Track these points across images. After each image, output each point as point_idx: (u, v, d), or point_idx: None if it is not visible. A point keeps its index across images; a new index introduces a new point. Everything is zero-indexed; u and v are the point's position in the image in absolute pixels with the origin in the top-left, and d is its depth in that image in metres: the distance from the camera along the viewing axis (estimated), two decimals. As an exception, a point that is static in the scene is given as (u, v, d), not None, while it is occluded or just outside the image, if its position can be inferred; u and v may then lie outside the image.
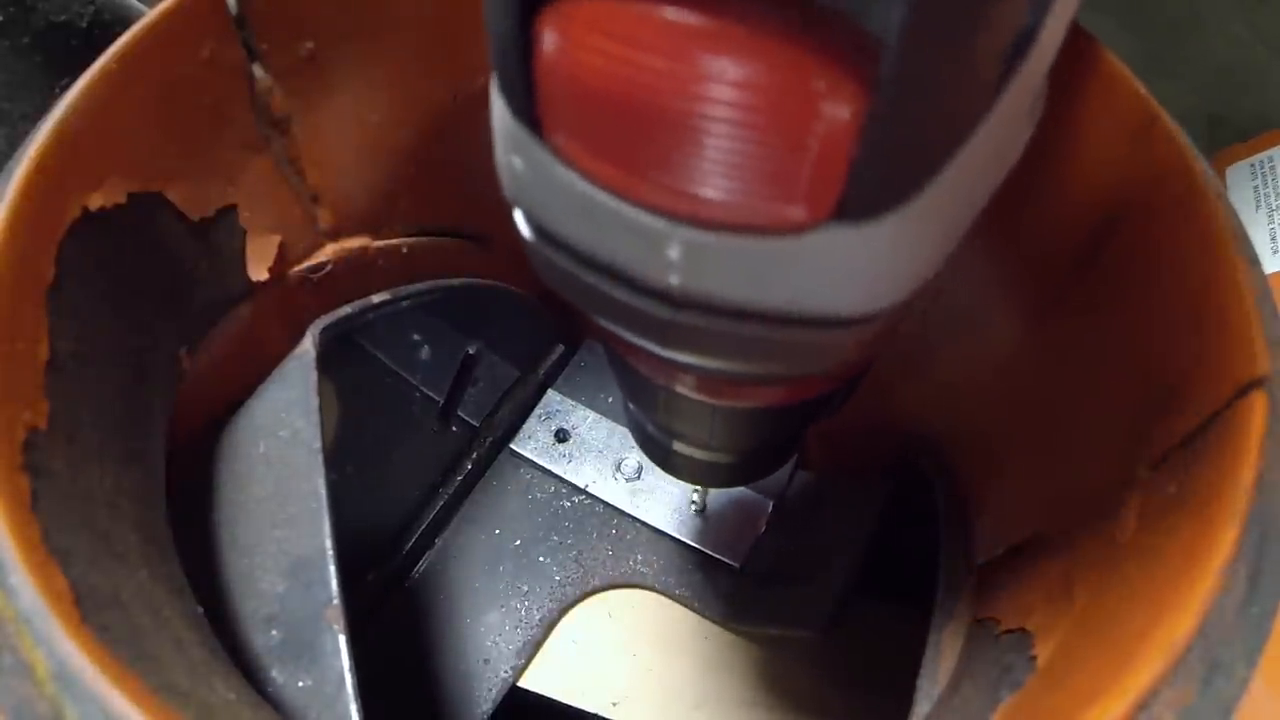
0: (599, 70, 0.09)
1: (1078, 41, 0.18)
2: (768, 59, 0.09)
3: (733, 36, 0.09)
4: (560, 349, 0.36)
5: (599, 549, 0.33)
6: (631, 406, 0.22)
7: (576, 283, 0.12)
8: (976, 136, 0.10)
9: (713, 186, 0.09)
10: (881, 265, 0.10)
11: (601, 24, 0.09)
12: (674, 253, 0.10)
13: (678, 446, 0.22)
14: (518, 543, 0.33)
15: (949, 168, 0.10)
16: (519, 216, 0.12)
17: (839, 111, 0.09)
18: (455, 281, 0.30)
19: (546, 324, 0.35)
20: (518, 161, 0.11)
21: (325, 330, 0.25)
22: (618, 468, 0.34)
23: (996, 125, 0.10)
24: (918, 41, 0.08)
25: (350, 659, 0.19)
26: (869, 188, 0.09)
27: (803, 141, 0.09)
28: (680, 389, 0.17)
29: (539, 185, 0.11)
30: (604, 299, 0.11)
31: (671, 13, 0.09)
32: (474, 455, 0.34)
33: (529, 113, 0.10)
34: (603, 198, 0.10)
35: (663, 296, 0.11)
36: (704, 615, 0.32)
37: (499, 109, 0.11)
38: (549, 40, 0.10)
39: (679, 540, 0.32)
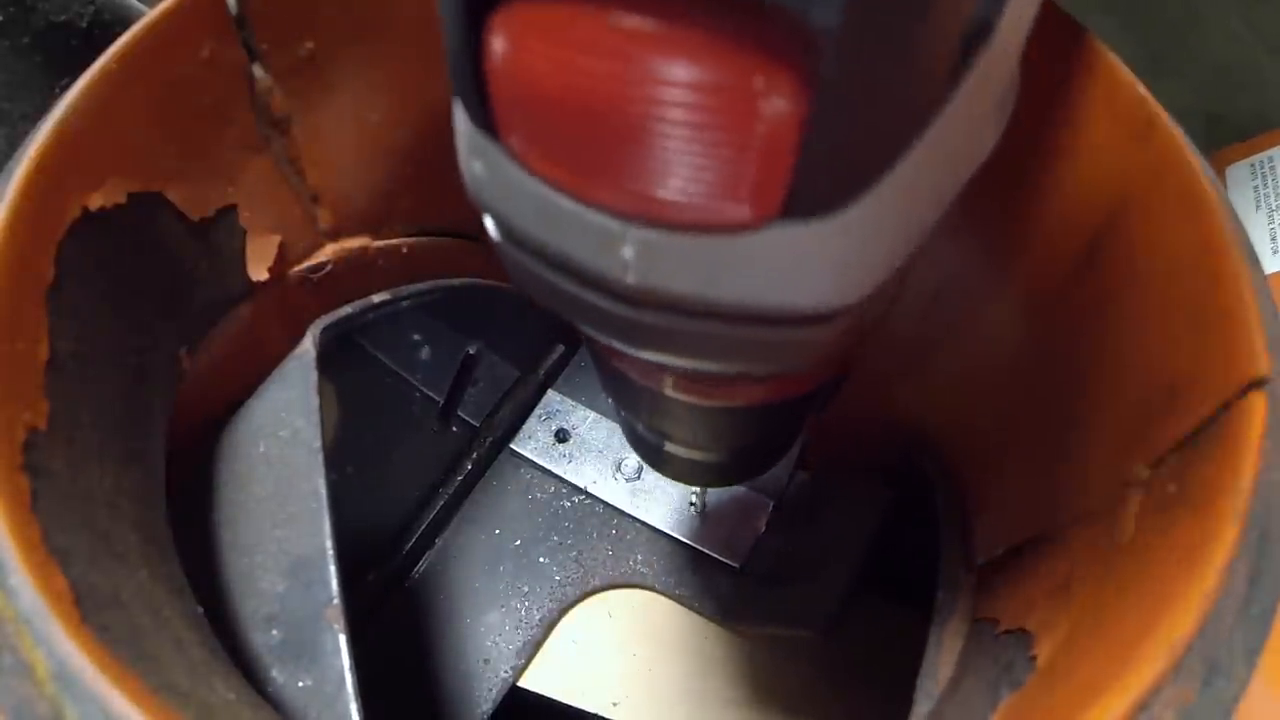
0: (545, 74, 0.09)
1: (1078, 41, 0.18)
2: (707, 58, 0.09)
3: (673, 37, 0.09)
4: (560, 349, 0.36)
5: (599, 549, 0.33)
6: (622, 410, 0.22)
7: (542, 282, 0.12)
8: (932, 131, 0.10)
9: (660, 186, 0.09)
10: (836, 262, 0.10)
11: (546, 28, 0.09)
12: (628, 252, 0.10)
13: (668, 446, 0.22)
14: (518, 543, 0.33)
15: (903, 164, 0.10)
16: (487, 219, 0.12)
17: (780, 109, 0.09)
18: (455, 281, 0.30)
19: (546, 324, 0.35)
20: (477, 165, 0.11)
21: (325, 330, 0.25)
22: (618, 468, 0.34)
23: (955, 120, 0.10)
24: (858, 36, 0.08)
25: (350, 658, 0.19)
26: (816, 185, 0.09)
27: (745, 140, 0.09)
28: (660, 388, 0.17)
29: (499, 187, 0.11)
30: (568, 298, 0.12)
31: (613, 16, 0.09)
32: (474, 455, 0.34)
33: (484, 117, 0.10)
34: (557, 198, 0.10)
35: (622, 295, 0.11)
36: (704, 615, 0.32)
37: (458, 113, 0.11)
38: (496, 45, 0.10)
39: (679, 540, 0.32)
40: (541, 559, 0.33)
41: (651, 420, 0.20)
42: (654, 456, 0.23)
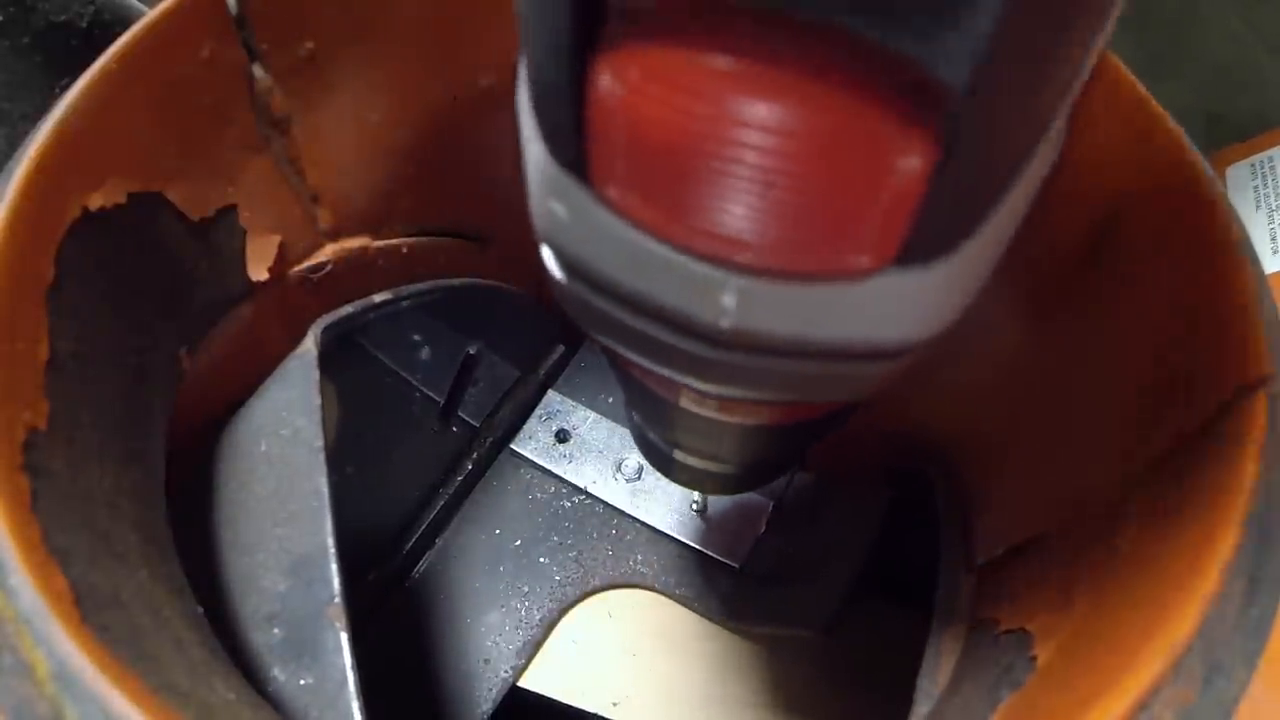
0: (659, 120, 0.09)
1: (1078, 41, 0.18)
2: (836, 109, 0.08)
3: (800, 87, 0.08)
4: (560, 349, 0.36)
5: (599, 549, 0.33)
6: (635, 417, 0.22)
7: (613, 323, 0.11)
8: (1029, 168, 0.10)
9: (774, 236, 0.09)
10: (936, 301, 0.10)
11: (663, 72, 0.09)
12: (729, 300, 0.10)
13: (679, 456, 0.22)
14: (518, 543, 0.33)
15: (1006, 201, 0.10)
16: (549, 257, 0.12)
17: (909, 163, 0.08)
18: (455, 281, 0.30)
19: (546, 324, 0.35)
20: (559, 207, 0.10)
21: (326, 330, 0.25)
22: (618, 468, 0.34)
23: (1041, 153, 0.10)
24: (989, 89, 0.08)
25: (352, 657, 0.19)
26: (934, 233, 0.09)
27: (872, 193, 0.09)
28: (696, 409, 0.17)
29: (583, 231, 0.10)
30: (644, 339, 0.11)
31: (736, 62, 0.08)
32: (474, 455, 0.34)
33: (577, 161, 0.10)
34: (654, 246, 0.10)
35: (711, 339, 0.11)
36: (704, 615, 0.32)
37: (538, 154, 0.10)
38: (605, 88, 0.09)
39: (679, 540, 0.32)
40: (541, 559, 0.33)
41: (670, 433, 0.20)
42: (663, 463, 0.23)
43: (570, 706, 0.30)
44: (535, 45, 0.10)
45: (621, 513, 0.33)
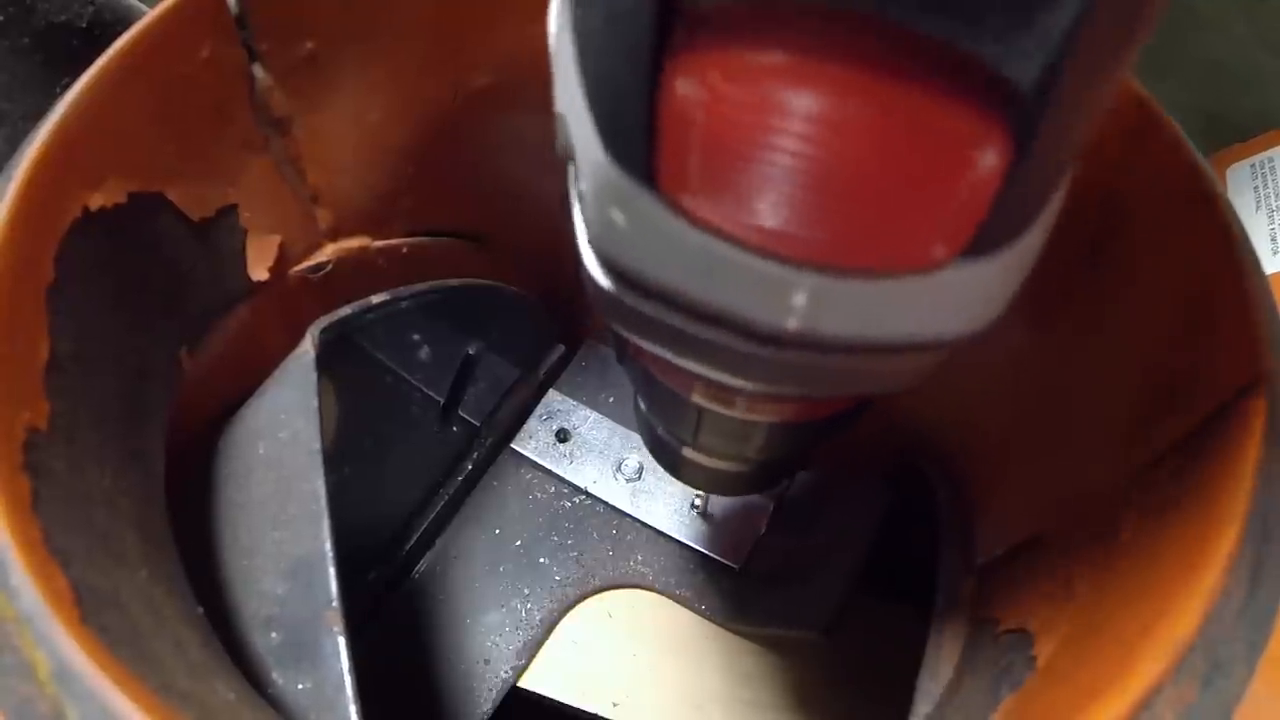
0: (738, 123, 0.09)
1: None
2: (915, 109, 0.08)
3: (880, 87, 0.08)
4: (560, 349, 0.36)
5: (599, 549, 0.33)
6: (648, 414, 0.21)
7: (663, 328, 0.11)
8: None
9: (850, 234, 0.09)
10: (995, 290, 0.10)
11: (744, 75, 0.09)
12: (799, 299, 0.10)
13: (690, 454, 0.21)
14: (518, 543, 0.33)
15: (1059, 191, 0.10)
16: (594, 264, 0.11)
17: (986, 159, 0.09)
18: (455, 281, 0.30)
19: (546, 324, 0.35)
20: (619, 215, 0.10)
21: (325, 331, 0.25)
22: (618, 468, 0.34)
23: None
24: (1061, 87, 0.08)
25: (350, 661, 0.19)
26: (1004, 224, 0.09)
27: (950, 188, 0.09)
28: (723, 409, 0.16)
29: (644, 238, 0.10)
30: (697, 343, 0.11)
31: (816, 64, 0.08)
32: (474, 455, 0.34)
33: (645, 167, 0.10)
34: (724, 250, 0.10)
35: (774, 340, 0.11)
36: (704, 615, 0.32)
37: (596, 160, 0.10)
38: (684, 93, 0.09)
39: (679, 541, 0.32)
40: (542, 559, 0.33)
41: (687, 432, 0.19)
42: (671, 461, 0.23)
43: (570, 707, 0.30)
44: (607, 51, 0.09)
45: (622, 513, 0.33)
